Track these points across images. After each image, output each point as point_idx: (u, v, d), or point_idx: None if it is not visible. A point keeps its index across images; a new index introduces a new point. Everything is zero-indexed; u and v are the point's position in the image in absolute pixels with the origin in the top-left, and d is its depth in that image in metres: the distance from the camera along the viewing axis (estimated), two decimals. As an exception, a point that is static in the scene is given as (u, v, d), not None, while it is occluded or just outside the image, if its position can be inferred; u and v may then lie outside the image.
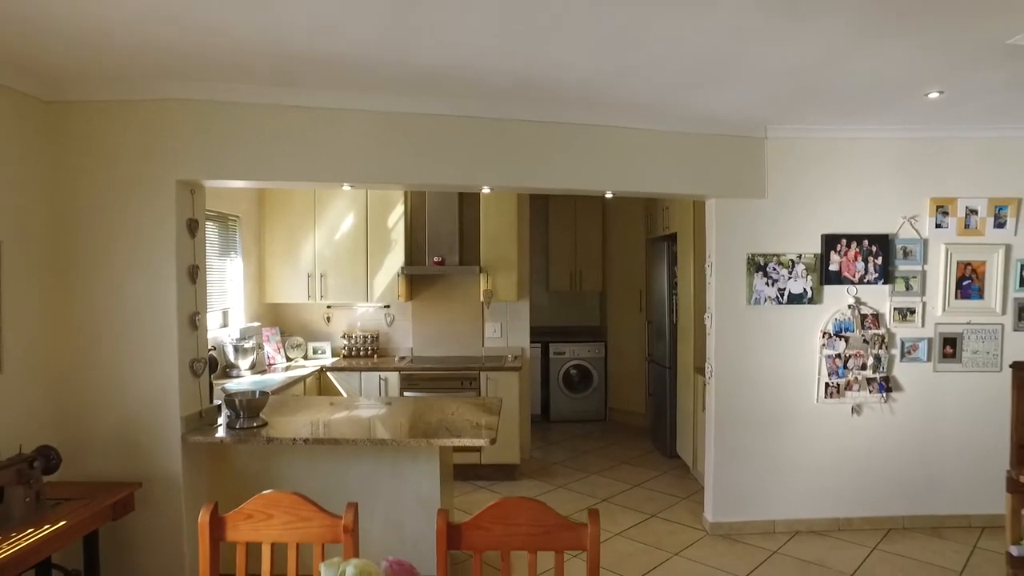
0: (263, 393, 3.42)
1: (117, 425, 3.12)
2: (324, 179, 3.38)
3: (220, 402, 3.45)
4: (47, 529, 2.46)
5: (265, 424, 3.30)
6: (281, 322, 5.75)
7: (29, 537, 2.38)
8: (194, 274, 3.29)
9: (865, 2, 2.20)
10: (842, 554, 3.91)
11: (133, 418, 3.13)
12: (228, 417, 3.32)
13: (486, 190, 3.93)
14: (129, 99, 3.09)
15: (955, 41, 2.57)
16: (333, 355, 5.77)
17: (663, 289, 5.85)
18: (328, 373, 5.32)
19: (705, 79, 3.07)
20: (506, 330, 5.88)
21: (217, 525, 1.76)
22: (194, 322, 3.29)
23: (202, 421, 3.32)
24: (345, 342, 5.81)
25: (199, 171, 3.20)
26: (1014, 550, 2.18)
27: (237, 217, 5.09)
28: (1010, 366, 3.53)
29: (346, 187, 3.87)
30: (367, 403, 4.05)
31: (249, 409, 3.27)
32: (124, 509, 2.91)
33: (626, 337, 7.14)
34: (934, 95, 3.35)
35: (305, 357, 5.68)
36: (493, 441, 3.04)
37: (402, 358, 5.73)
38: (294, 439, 3.08)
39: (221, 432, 3.21)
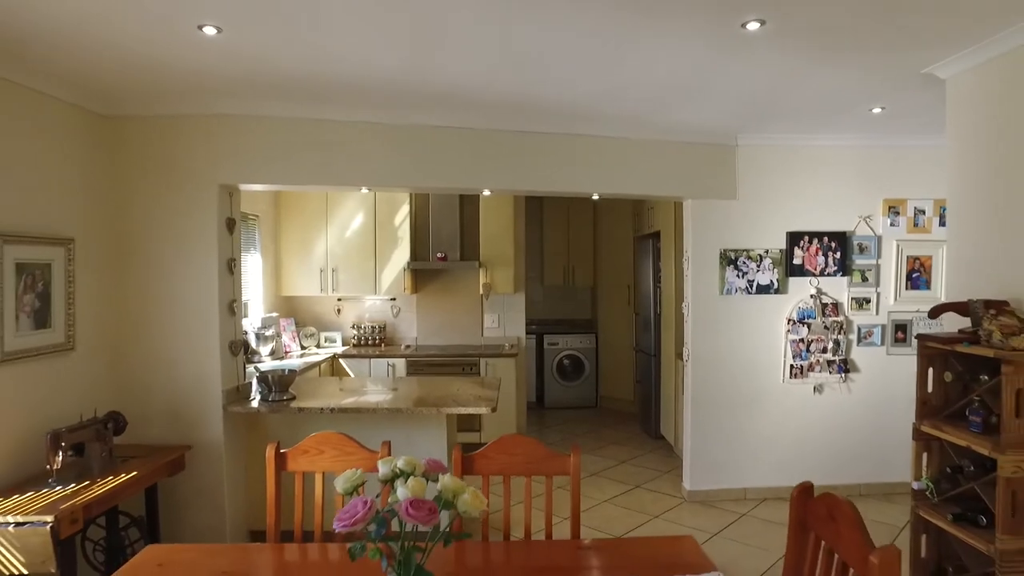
0: (291, 371, 3.90)
1: (168, 397, 3.60)
2: (345, 183, 3.87)
3: (254, 379, 3.93)
4: (122, 478, 2.94)
5: (293, 397, 3.77)
6: (295, 313, 6.22)
7: (108, 484, 2.86)
8: (232, 266, 3.77)
9: (800, 42, 2.69)
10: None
11: (181, 391, 3.61)
12: (261, 391, 3.80)
13: (487, 192, 4.41)
14: (178, 114, 3.56)
15: (883, 70, 3.06)
16: (343, 344, 6.24)
17: (648, 283, 6.34)
18: (340, 360, 5.80)
19: (675, 100, 3.57)
20: (504, 321, 6.36)
21: (280, 459, 2.24)
22: (232, 308, 3.77)
23: (239, 395, 3.80)
24: (355, 332, 6.29)
25: (238, 176, 3.67)
26: (915, 484, 2.67)
27: (256, 216, 5.55)
28: (915, 336, 3.99)
29: (364, 190, 4.35)
30: (380, 383, 4.52)
31: (280, 384, 3.75)
32: (177, 467, 3.39)
33: (615, 329, 7.63)
34: (877, 111, 3.85)
35: (318, 346, 6.15)
36: (493, 409, 3.53)
37: (407, 347, 6.21)
38: (321, 408, 3.56)
39: (256, 403, 3.69)
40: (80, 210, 3.34)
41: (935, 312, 2.74)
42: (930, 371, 2.69)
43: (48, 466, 2.79)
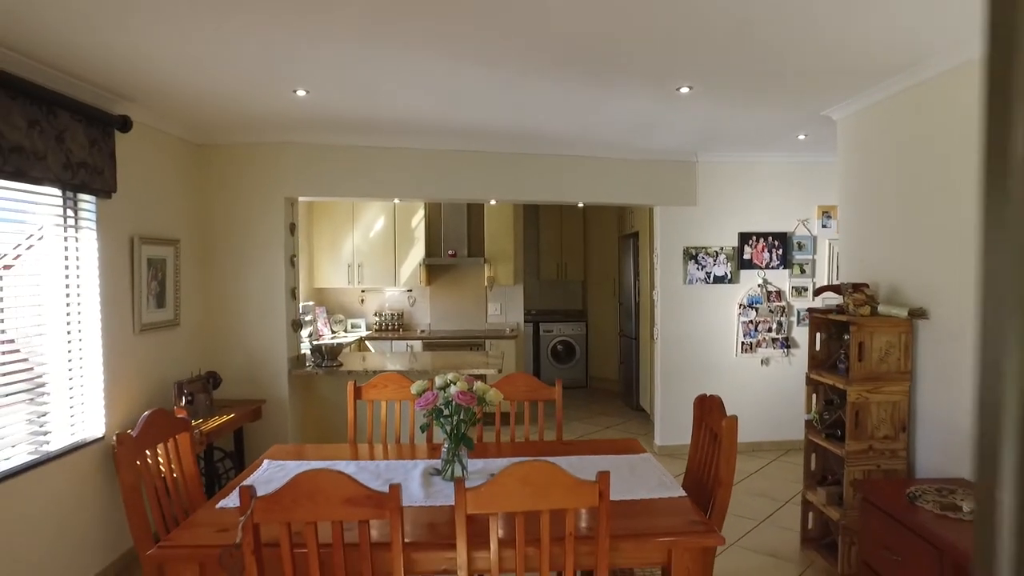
0: (339, 344, 4.92)
1: (247, 362, 4.61)
2: (382, 196, 4.89)
3: (308, 350, 4.95)
4: (223, 418, 3.96)
5: (341, 364, 4.79)
6: (326, 303, 7.24)
7: (214, 422, 3.87)
8: (293, 261, 4.79)
9: (722, 98, 3.71)
10: (753, 463, 5.45)
11: (257, 358, 4.62)
12: (315, 359, 4.81)
13: (492, 202, 5.43)
14: (254, 142, 4.57)
15: (793, 112, 4.09)
16: (367, 329, 7.26)
17: (630, 276, 7.37)
18: (366, 341, 6.82)
19: (638, 133, 4.59)
20: (505, 309, 7.39)
21: (357, 391, 3.25)
22: (293, 294, 4.79)
23: (298, 362, 4.81)
24: (377, 319, 7.31)
25: (298, 190, 4.69)
26: (806, 417, 3.70)
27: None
28: (807, 310, 5.01)
29: (396, 201, 5.35)
30: (403, 357, 5.54)
31: (331, 353, 4.77)
32: (256, 416, 4.41)
33: (603, 317, 8.66)
34: (802, 137, 4.88)
35: (345, 331, 7.16)
36: (499, 371, 4.55)
37: (422, 331, 7.23)
38: (365, 370, 4.57)
39: (313, 368, 4.70)
40: (183, 218, 4.35)
41: (817, 292, 3.77)
42: (817, 335, 3.72)
43: (174, 406, 3.81)
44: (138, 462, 2.26)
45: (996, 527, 0.39)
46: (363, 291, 7.36)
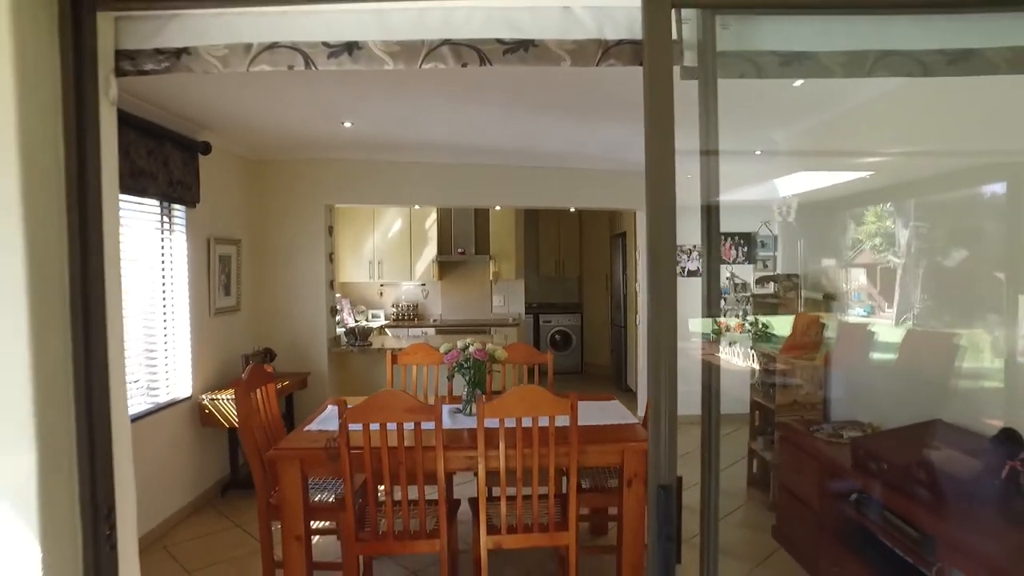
0: (369, 327, 5.84)
1: (294, 341, 5.54)
2: (404, 203, 5.83)
3: (342, 332, 5.88)
4: (282, 383, 4.87)
5: (371, 344, 5.72)
6: (349, 295, 8.16)
7: (279, 383, 4.79)
8: (331, 257, 5.71)
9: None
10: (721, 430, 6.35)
11: (302, 338, 5.55)
12: (349, 340, 5.74)
13: (498, 208, 6.35)
14: (298, 159, 5.50)
15: (738, 145, 5.00)
16: (385, 319, 8.18)
17: (620, 272, 8.28)
18: (386, 330, 7.74)
19: (619, 149, 5.51)
20: (508, 301, 8.31)
21: (392, 357, 4.17)
22: (331, 285, 5.71)
23: (335, 342, 5.74)
24: (394, 309, 8.23)
25: (336, 198, 5.62)
26: (751, 381, 4.61)
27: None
28: (751, 296, 5.94)
29: (416, 207, 6.28)
30: (421, 341, 6.45)
31: (363, 335, 5.70)
32: (303, 385, 5.33)
33: (596, 309, 9.57)
34: (759, 152, 5.79)
35: (367, 320, 8.09)
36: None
37: (434, 320, 8.16)
38: (391, 349, 5.49)
39: (347, 347, 5.63)
40: (243, 221, 5.28)
41: (758, 281, 4.68)
42: (758, 316, 4.63)
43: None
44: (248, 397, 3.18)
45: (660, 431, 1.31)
46: (382, 285, 8.28)
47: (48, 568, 1.22)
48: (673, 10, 1.33)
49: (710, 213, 1.60)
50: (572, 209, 6.56)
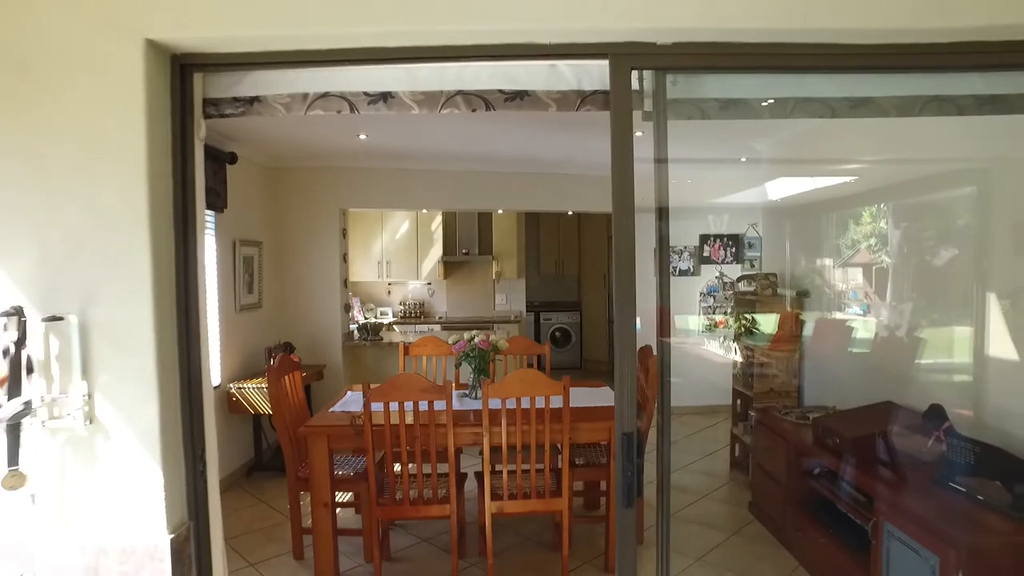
0: (380, 323, 6.26)
1: (311, 335, 5.96)
2: (414, 207, 6.25)
3: (354, 327, 6.30)
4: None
5: (382, 339, 6.13)
6: (358, 294, 8.57)
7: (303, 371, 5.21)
8: (345, 258, 6.13)
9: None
10: (709, 420, 6.76)
11: (318, 333, 5.97)
12: (361, 335, 6.16)
13: (500, 211, 6.77)
14: (314, 166, 5.92)
15: (727, 153, 5.40)
16: (392, 316, 8.60)
17: (615, 271, 8.67)
18: (394, 326, 8.15)
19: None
20: (510, 299, 8.72)
21: (405, 349, 4.59)
22: (345, 283, 6.13)
23: (348, 337, 6.16)
24: (401, 307, 8.65)
25: (349, 203, 6.04)
26: (733, 371, 5.02)
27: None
28: (733, 293, 6.36)
29: (424, 211, 6.70)
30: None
31: (374, 329, 6.12)
32: (320, 376, 5.75)
33: (595, 307, 9.98)
34: (743, 160, 6.19)
35: (375, 317, 8.50)
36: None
37: (440, 317, 8.57)
38: (401, 343, 5.91)
39: (360, 341, 6.05)
40: (264, 225, 5.70)
41: (739, 279, 5.09)
42: (741, 312, 5.04)
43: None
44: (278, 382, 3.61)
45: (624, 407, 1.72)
46: (390, 284, 8.70)
47: (167, 485, 1.65)
48: (633, 71, 1.74)
49: (661, 216, 2.01)
50: (570, 212, 6.95)
